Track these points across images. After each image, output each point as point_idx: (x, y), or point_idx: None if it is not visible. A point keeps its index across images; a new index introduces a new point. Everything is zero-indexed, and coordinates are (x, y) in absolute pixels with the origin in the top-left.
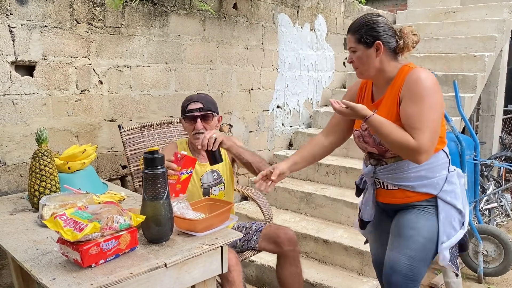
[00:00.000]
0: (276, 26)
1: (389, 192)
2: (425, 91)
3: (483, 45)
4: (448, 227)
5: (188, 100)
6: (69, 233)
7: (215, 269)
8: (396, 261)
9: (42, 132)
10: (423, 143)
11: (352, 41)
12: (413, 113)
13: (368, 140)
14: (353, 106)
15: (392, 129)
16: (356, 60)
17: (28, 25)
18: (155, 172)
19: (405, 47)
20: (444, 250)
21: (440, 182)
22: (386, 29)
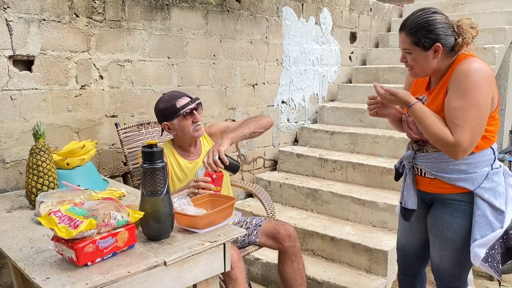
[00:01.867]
0: (281, 20)
1: (427, 180)
2: (472, 86)
3: (493, 37)
4: (484, 226)
5: (172, 100)
6: (64, 230)
7: (217, 267)
8: (440, 262)
9: (39, 127)
10: (462, 140)
11: (408, 43)
12: (456, 108)
13: (411, 127)
14: (395, 92)
15: (432, 122)
16: (411, 61)
17: (26, 19)
18: (154, 167)
19: (464, 43)
20: (476, 248)
21: (479, 179)
22: (445, 29)
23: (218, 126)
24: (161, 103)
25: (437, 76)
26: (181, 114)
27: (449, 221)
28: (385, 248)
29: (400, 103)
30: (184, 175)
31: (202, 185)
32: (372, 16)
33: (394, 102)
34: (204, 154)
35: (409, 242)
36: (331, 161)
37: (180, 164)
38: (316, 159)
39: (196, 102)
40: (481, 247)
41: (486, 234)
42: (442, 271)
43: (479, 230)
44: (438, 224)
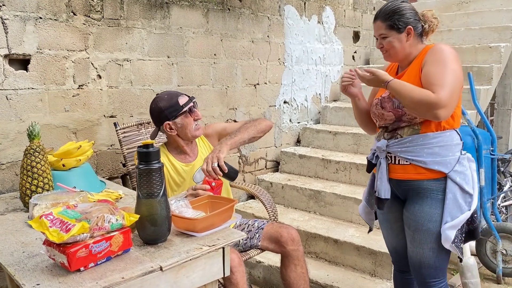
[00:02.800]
0: (283, 19)
1: (400, 167)
2: (448, 57)
3: (498, 36)
4: (454, 208)
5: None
6: (55, 234)
7: (216, 272)
8: (422, 255)
9: (33, 127)
10: (443, 95)
11: (383, 28)
12: (435, 72)
13: (385, 105)
14: (374, 71)
15: (412, 88)
16: (386, 45)
17: (21, 17)
18: (150, 167)
19: (429, 30)
20: (447, 230)
21: (452, 162)
22: (414, 15)
23: (215, 127)
24: (161, 102)
25: (406, 63)
26: (185, 111)
27: (429, 212)
28: None
29: (379, 82)
30: (182, 179)
31: (201, 193)
32: None
33: (374, 82)
34: (200, 156)
35: (397, 243)
36: (334, 162)
37: (177, 167)
38: (319, 160)
39: (193, 100)
40: (451, 229)
41: (456, 216)
42: (425, 265)
43: (449, 213)
44: (418, 218)
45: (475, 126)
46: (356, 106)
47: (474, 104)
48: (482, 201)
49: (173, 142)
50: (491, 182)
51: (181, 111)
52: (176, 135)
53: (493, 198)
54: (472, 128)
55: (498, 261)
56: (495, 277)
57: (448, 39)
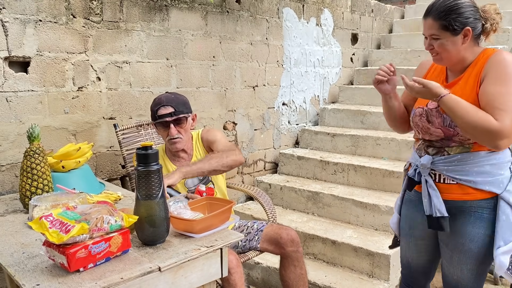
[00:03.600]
0: (281, 21)
1: (446, 186)
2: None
3: (496, 38)
4: (508, 232)
5: (157, 104)
6: (55, 235)
7: (214, 272)
8: (459, 277)
9: (33, 129)
10: (507, 124)
11: (435, 28)
12: (497, 93)
13: (434, 120)
14: (426, 83)
15: (470, 109)
16: (438, 47)
17: (21, 20)
18: (149, 169)
19: (491, 30)
20: (501, 255)
21: (505, 181)
22: (474, 13)
23: (211, 135)
24: (152, 103)
25: (458, 68)
26: (156, 123)
27: (472, 231)
28: (388, 252)
29: (431, 96)
30: None
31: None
32: (374, 17)
33: (424, 94)
34: (195, 159)
35: (415, 260)
36: (332, 163)
37: (169, 169)
38: (317, 162)
39: (174, 117)
40: (505, 254)
41: (510, 240)
42: (463, 286)
43: (502, 236)
44: (458, 237)
45: None
46: (386, 104)
47: None
48: None
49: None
50: None
51: (154, 120)
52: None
53: None
54: None
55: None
56: (492, 278)
57: None
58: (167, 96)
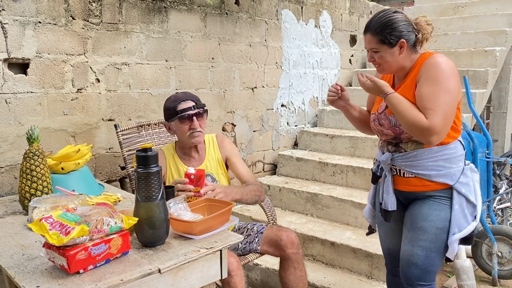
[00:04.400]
0: (280, 23)
1: (406, 179)
2: (442, 74)
3: (494, 40)
4: (461, 219)
5: (176, 101)
6: (55, 237)
7: (213, 274)
8: (411, 254)
9: (33, 131)
10: (435, 123)
11: (374, 42)
12: (427, 93)
13: (383, 122)
14: (376, 81)
15: (408, 108)
16: (378, 59)
17: (21, 21)
18: (149, 171)
19: (423, 39)
20: (454, 242)
21: (457, 174)
22: (407, 26)
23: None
24: (167, 102)
25: (402, 74)
26: (177, 118)
27: (425, 212)
28: None
29: (378, 92)
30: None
31: (180, 187)
32: None
33: (374, 91)
34: (206, 161)
35: (394, 245)
36: (331, 165)
37: (179, 168)
38: (316, 163)
39: (198, 110)
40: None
41: (463, 227)
42: (413, 264)
43: (457, 223)
44: (414, 216)
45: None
46: (347, 115)
47: (470, 107)
48: None
49: (179, 142)
50: (487, 185)
51: (175, 116)
52: (177, 136)
53: (489, 201)
54: (468, 131)
55: (494, 263)
56: (490, 279)
57: (444, 43)
58: (183, 93)
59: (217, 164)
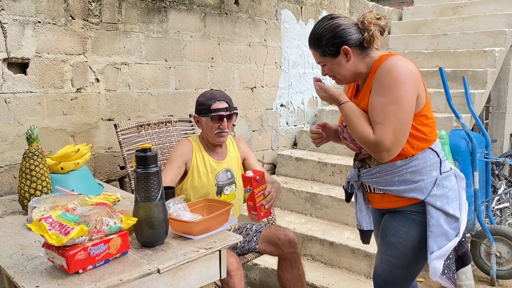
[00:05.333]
0: (279, 23)
1: (376, 196)
2: (393, 82)
3: (493, 40)
4: (439, 236)
5: (212, 99)
6: (54, 237)
7: (213, 274)
8: (379, 265)
9: (32, 131)
10: (383, 138)
11: (317, 56)
12: (376, 105)
13: (346, 136)
14: (327, 89)
15: (358, 120)
16: (329, 72)
17: (20, 21)
18: (148, 171)
19: (372, 38)
20: (435, 260)
21: (428, 186)
22: (347, 29)
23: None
24: (202, 96)
25: (361, 80)
26: (210, 116)
27: (395, 227)
28: None
29: (332, 101)
30: (206, 171)
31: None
32: None
33: (326, 99)
34: (228, 159)
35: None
36: (330, 165)
37: (205, 159)
38: (315, 163)
39: (230, 112)
40: (439, 259)
41: (443, 245)
42: (380, 275)
43: (435, 241)
44: (385, 228)
45: (469, 129)
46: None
47: (469, 107)
48: (477, 203)
49: (204, 136)
50: (485, 185)
51: (207, 113)
52: (202, 131)
53: (487, 201)
54: (467, 131)
55: (492, 263)
56: (489, 280)
57: (444, 43)
58: (219, 92)
59: (236, 162)
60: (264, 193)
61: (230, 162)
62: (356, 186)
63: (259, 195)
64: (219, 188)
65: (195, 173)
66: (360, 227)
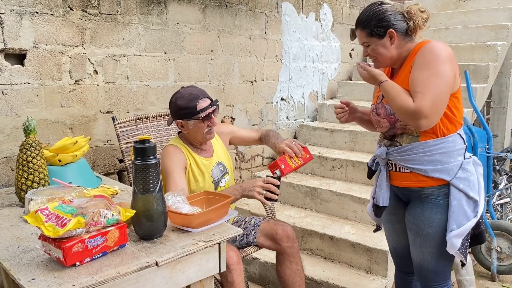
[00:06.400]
0: (280, 15)
1: (401, 174)
2: (435, 59)
3: (495, 35)
4: (460, 216)
5: (194, 100)
6: (50, 229)
7: (212, 267)
8: (422, 259)
9: (29, 122)
10: (423, 105)
11: (364, 36)
12: (418, 77)
13: (380, 111)
14: (369, 70)
15: (399, 93)
16: (372, 53)
17: (17, 11)
18: (146, 163)
19: (416, 27)
20: (453, 238)
21: (455, 169)
22: (395, 15)
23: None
24: (181, 100)
25: (398, 65)
26: (200, 117)
27: (430, 217)
28: (385, 248)
29: (373, 81)
30: (200, 172)
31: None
32: None
33: (368, 79)
34: (215, 153)
35: (398, 243)
36: (330, 159)
37: (197, 161)
38: (316, 157)
39: (213, 107)
40: (457, 237)
41: (462, 224)
42: (426, 269)
43: (455, 220)
44: (418, 222)
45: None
46: (363, 124)
47: (471, 102)
48: None
49: (186, 137)
50: (487, 180)
51: (195, 116)
52: (188, 134)
53: (488, 196)
54: (468, 126)
55: (493, 258)
56: (489, 275)
57: (445, 37)
58: (195, 89)
59: (223, 152)
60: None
61: (219, 154)
62: (382, 164)
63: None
64: (216, 184)
65: (191, 178)
66: (376, 202)
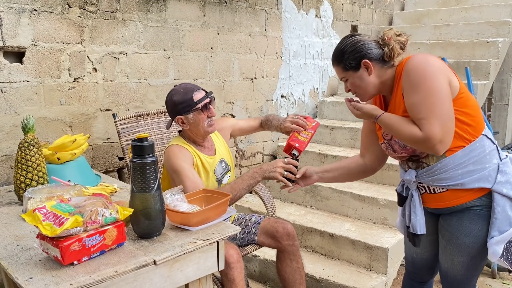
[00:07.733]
0: (280, 12)
1: (437, 196)
2: (421, 76)
3: (496, 31)
4: (503, 222)
5: (189, 92)
6: (48, 227)
7: (210, 266)
8: (451, 267)
9: (28, 120)
10: (432, 131)
11: (340, 71)
12: (414, 103)
13: (395, 148)
14: (360, 107)
15: (401, 124)
16: (351, 87)
17: (16, 9)
18: (144, 161)
19: (392, 52)
20: (495, 245)
21: (492, 174)
22: (367, 44)
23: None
24: (176, 95)
25: (387, 90)
26: (198, 108)
27: (468, 227)
28: (386, 245)
29: (368, 117)
30: (205, 170)
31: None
32: (374, 9)
33: (363, 116)
34: (218, 150)
35: (418, 255)
36: (331, 156)
37: (202, 159)
38: (316, 155)
39: (210, 96)
40: (499, 244)
41: (505, 230)
42: (452, 276)
43: (497, 227)
44: (455, 230)
45: None
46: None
47: None
48: None
49: (188, 135)
50: None
51: (194, 107)
52: (189, 129)
53: None
54: None
55: None
56: (490, 272)
57: (446, 33)
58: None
59: (225, 149)
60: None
61: (221, 152)
62: (413, 188)
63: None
64: (219, 181)
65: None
66: (413, 231)
